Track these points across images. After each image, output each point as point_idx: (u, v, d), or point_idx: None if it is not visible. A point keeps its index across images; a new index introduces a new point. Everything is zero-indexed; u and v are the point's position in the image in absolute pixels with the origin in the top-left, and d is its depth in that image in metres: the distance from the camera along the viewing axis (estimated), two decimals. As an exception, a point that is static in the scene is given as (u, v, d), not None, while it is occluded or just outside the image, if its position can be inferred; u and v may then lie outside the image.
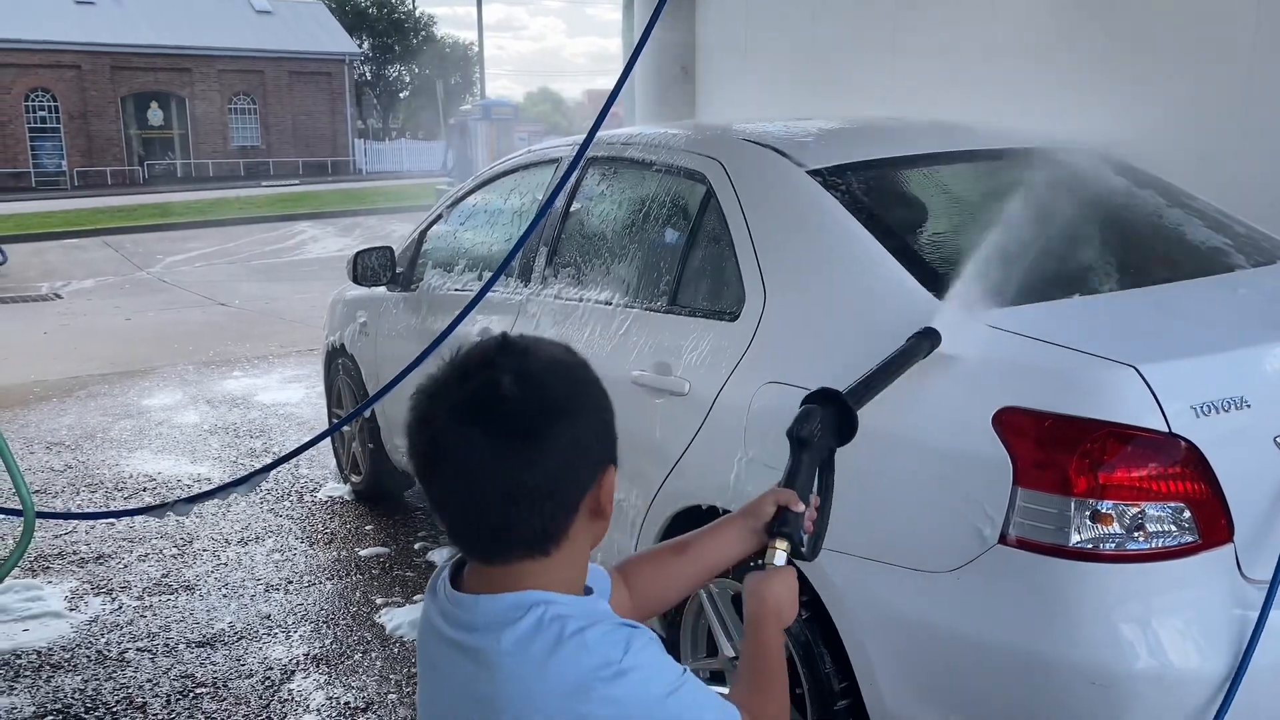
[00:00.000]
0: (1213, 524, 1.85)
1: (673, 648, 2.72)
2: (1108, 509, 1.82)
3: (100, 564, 4.20)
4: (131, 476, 5.29)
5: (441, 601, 1.15)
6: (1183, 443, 1.82)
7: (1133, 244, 2.60)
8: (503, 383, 1.06)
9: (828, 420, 1.53)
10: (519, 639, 1.06)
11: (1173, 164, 3.56)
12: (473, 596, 1.11)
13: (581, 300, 3.11)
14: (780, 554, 1.35)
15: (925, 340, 1.93)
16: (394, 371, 3.90)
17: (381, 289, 4.39)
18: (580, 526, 1.11)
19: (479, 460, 1.05)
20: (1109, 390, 1.85)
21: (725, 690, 2.59)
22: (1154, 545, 1.82)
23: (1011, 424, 1.90)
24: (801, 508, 1.39)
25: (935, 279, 2.23)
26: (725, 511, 2.45)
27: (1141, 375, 1.83)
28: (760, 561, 1.37)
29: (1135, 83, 4.62)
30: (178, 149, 40.61)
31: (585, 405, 1.11)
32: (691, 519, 2.60)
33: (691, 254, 2.79)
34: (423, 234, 4.32)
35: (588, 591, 1.18)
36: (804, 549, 1.38)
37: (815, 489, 1.47)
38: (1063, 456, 1.84)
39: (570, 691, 1.04)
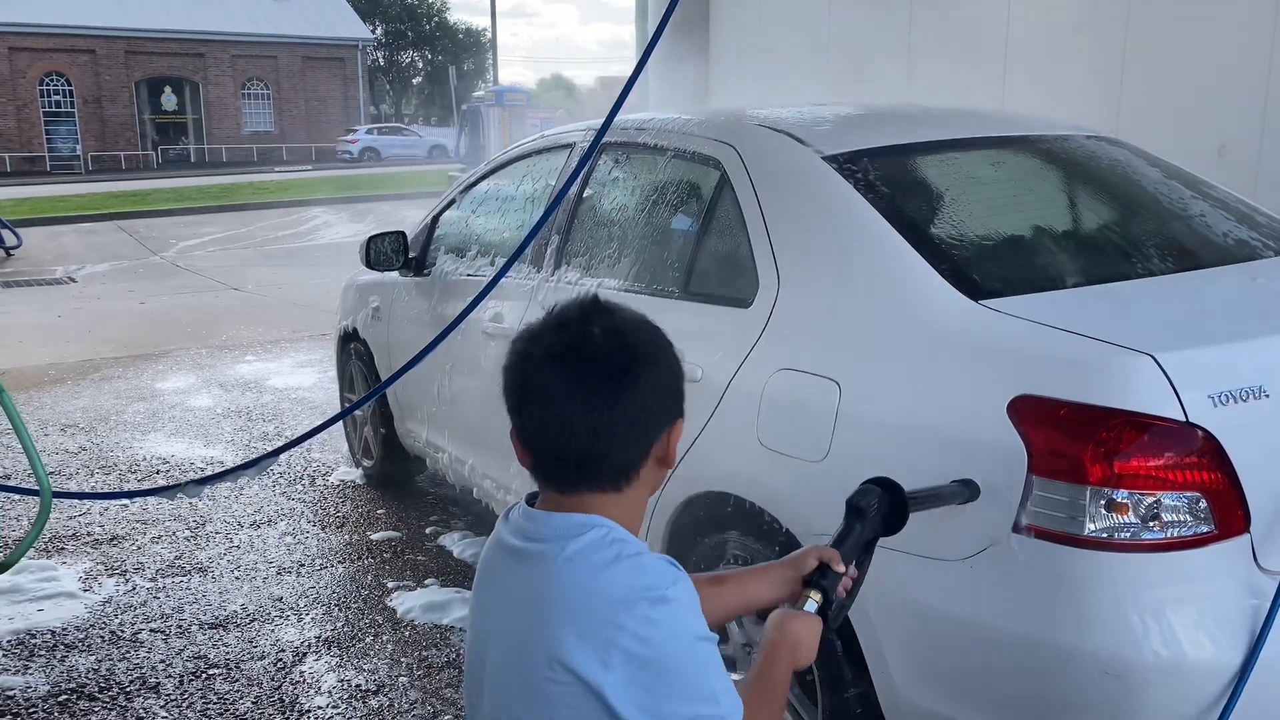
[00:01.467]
0: (1229, 514, 1.83)
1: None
2: (1123, 498, 1.81)
3: (114, 545, 4.23)
4: (145, 459, 5.31)
5: (515, 520, 1.31)
6: (1199, 432, 1.81)
7: (1151, 232, 2.58)
8: (594, 333, 1.23)
9: (883, 503, 1.59)
10: (581, 549, 1.21)
11: (1191, 153, 3.54)
12: (545, 513, 1.27)
13: (594, 286, 3.10)
14: (812, 603, 1.42)
15: (966, 489, 1.91)
16: (406, 356, 3.90)
17: (394, 274, 4.39)
18: (648, 470, 1.28)
19: (570, 398, 1.21)
20: (1126, 379, 1.83)
21: (738, 677, 2.60)
22: (1169, 535, 1.81)
23: (1027, 412, 1.88)
24: (843, 568, 1.47)
25: (951, 267, 2.21)
26: (736, 499, 2.45)
27: (1159, 364, 1.82)
28: (792, 606, 1.43)
29: (1154, 73, 4.58)
30: (191, 134, 40.69)
31: (662, 360, 1.27)
32: (702, 506, 2.60)
33: (705, 240, 2.77)
34: (435, 219, 4.32)
35: None
36: (830, 610, 1.43)
37: (855, 562, 1.53)
38: (1078, 445, 1.82)
39: (617, 600, 1.17)
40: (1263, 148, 4.19)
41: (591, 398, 1.21)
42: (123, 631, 3.50)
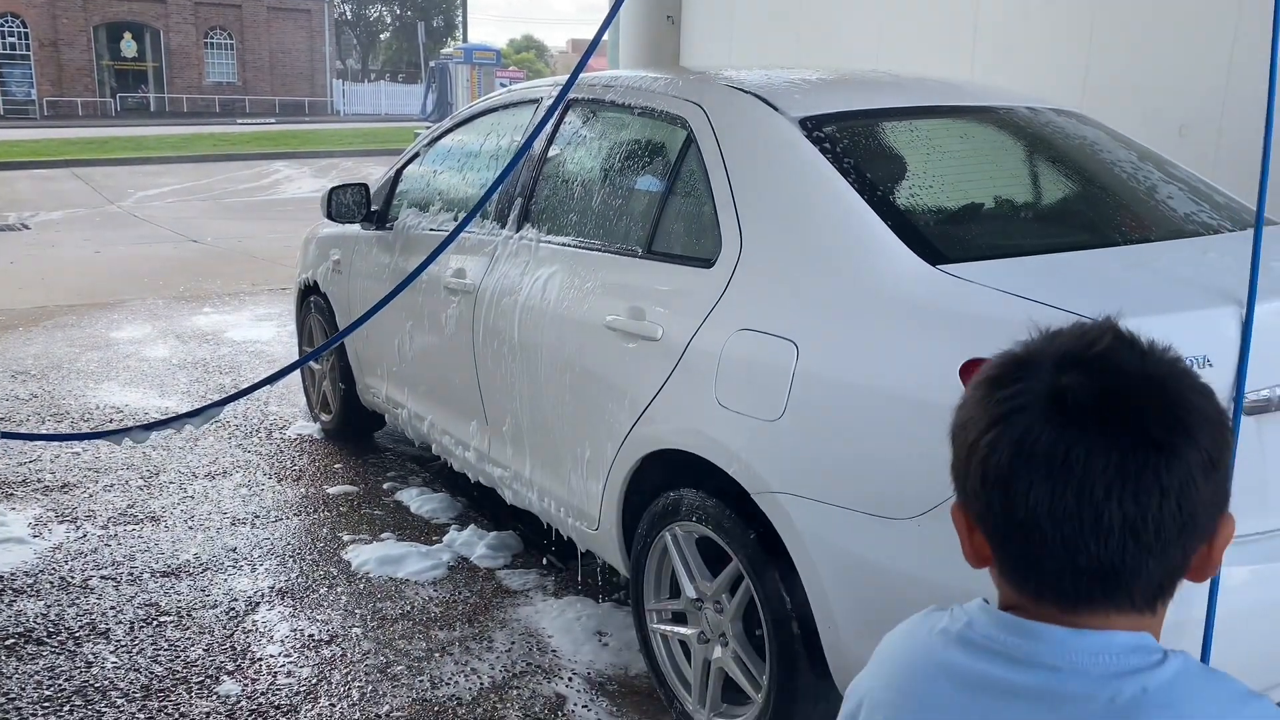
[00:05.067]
0: (1170, 479, 1.88)
1: (637, 589, 2.76)
2: (1068, 461, 1.84)
3: (65, 492, 4.18)
4: (98, 407, 5.24)
5: (980, 633, 0.88)
6: (1146, 399, 1.85)
7: (1109, 204, 2.62)
8: (1136, 379, 0.83)
9: None
10: (1166, 682, 0.81)
11: (1152, 132, 3.58)
12: (1061, 629, 0.84)
13: (556, 243, 3.09)
14: None
15: None
16: (366, 310, 3.87)
17: (356, 227, 4.34)
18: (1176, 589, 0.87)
19: (1105, 478, 0.80)
20: (1076, 345, 1.86)
21: (688, 631, 2.63)
22: (1112, 498, 1.85)
23: (978, 375, 1.91)
24: None
25: (911, 231, 2.24)
26: (693, 457, 2.46)
27: (1109, 331, 1.85)
28: None
29: (1119, 52, 4.63)
30: (151, 82, 39.87)
31: (1213, 419, 0.84)
32: (658, 464, 2.62)
33: (669, 199, 2.77)
34: (399, 172, 4.28)
35: None
36: None
37: None
38: (1027, 408, 1.86)
39: None
40: (1222, 129, 4.25)
41: (1139, 478, 0.80)
42: (73, 578, 3.47)
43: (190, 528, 3.88)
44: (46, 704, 2.77)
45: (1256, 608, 1.96)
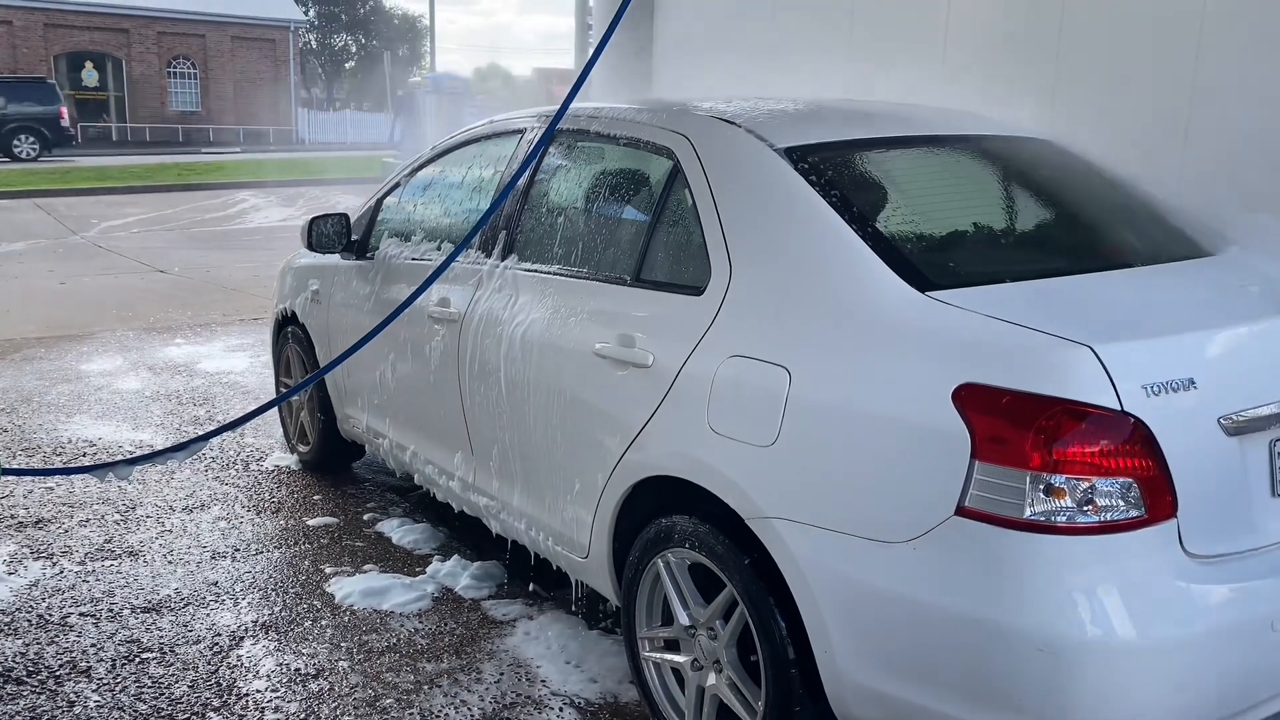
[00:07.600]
0: (1158, 500, 1.93)
1: (628, 617, 2.76)
2: (1060, 483, 1.89)
3: (39, 528, 4.11)
4: (70, 441, 5.17)
5: None
6: (1133, 420, 1.90)
7: (1091, 230, 2.68)
8: None
9: None
10: None
11: (1118, 157, 3.66)
12: None
13: (543, 272, 3.11)
14: None
15: None
16: (346, 341, 3.86)
17: (335, 257, 4.34)
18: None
19: None
20: (1065, 369, 1.91)
21: (681, 658, 2.64)
22: (1103, 519, 1.90)
23: (971, 399, 1.95)
24: None
25: (899, 259, 2.28)
26: (685, 483, 2.48)
27: (1097, 355, 1.90)
28: None
29: (1086, 76, 4.73)
30: (113, 112, 39.49)
31: None
32: (650, 490, 2.63)
33: (656, 228, 2.80)
34: (379, 202, 4.28)
35: None
36: None
37: None
38: (1019, 432, 1.90)
39: None
40: (1184, 160, 4.35)
41: None
42: (51, 615, 3.41)
43: (170, 562, 3.83)
44: (29, 745, 2.72)
45: (1238, 626, 2.00)
